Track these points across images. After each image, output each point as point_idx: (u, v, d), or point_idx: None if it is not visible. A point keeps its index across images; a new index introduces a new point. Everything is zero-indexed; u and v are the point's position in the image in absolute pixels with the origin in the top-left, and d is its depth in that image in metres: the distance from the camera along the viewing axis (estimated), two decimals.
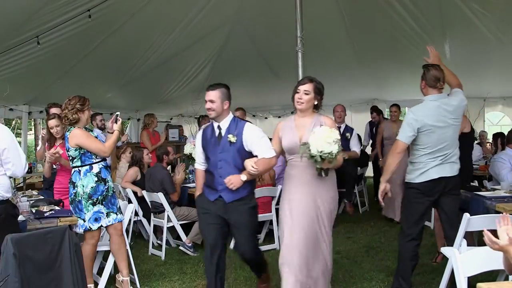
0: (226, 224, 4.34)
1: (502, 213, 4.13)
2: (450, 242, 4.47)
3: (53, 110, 6.09)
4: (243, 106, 10.35)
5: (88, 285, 4.58)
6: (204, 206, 4.39)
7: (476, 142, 9.24)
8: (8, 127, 4.04)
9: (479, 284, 2.30)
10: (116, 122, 4.95)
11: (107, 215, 4.80)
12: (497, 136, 9.14)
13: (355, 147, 7.58)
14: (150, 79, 10.34)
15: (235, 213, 4.27)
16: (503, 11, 7.49)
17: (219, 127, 4.37)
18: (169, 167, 7.39)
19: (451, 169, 4.49)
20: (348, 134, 7.62)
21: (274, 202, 6.59)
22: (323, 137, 3.84)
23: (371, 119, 10.27)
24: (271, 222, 6.74)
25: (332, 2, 8.35)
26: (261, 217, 6.67)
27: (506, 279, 3.30)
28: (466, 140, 5.65)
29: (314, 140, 3.86)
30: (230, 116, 4.41)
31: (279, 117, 13.98)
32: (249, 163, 4.09)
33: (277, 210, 6.71)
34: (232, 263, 5.87)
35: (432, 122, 4.41)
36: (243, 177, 4.16)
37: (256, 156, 4.25)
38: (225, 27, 9.35)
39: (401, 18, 8.23)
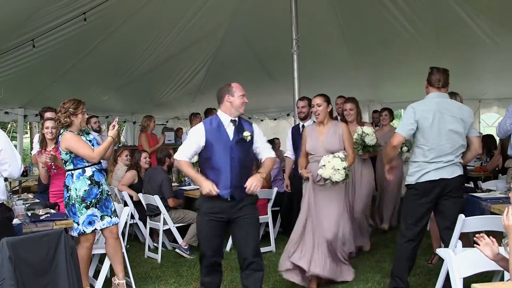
0: None
1: (498, 214, 4.17)
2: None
3: (48, 115, 6.09)
4: None
5: None
6: None
7: None
8: (4, 130, 4.05)
9: (473, 285, 2.30)
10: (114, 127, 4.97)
11: (101, 218, 4.79)
12: (487, 138, 9.09)
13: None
14: (146, 82, 10.34)
15: None
16: (497, 13, 7.52)
17: None
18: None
19: (452, 171, 4.50)
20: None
21: (270, 205, 6.60)
22: None
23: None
24: (267, 224, 6.73)
25: (328, 5, 8.38)
26: None
27: (502, 279, 3.31)
28: None
29: None
30: None
31: (275, 119, 13.98)
32: None
33: (273, 212, 6.76)
34: (228, 265, 5.87)
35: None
36: None
37: None
38: (221, 29, 9.36)
39: (396, 21, 8.27)
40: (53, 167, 5.40)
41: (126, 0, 7.25)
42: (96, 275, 5.25)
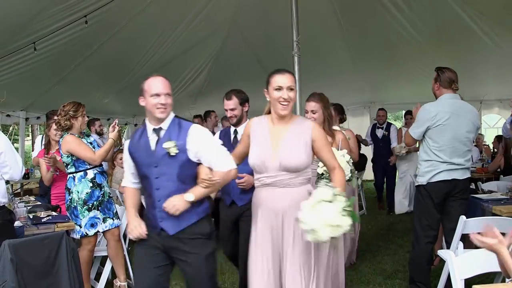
0: None
1: (499, 216, 4.16)
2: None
3: (55, 118, 6.10)
4: None
5: None
6: None
7: (475, 145, 9.25)
8: (5, 133, 4.03)
9: (474, 286, 2.30)
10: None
11: (104, 220, 4.81)
12: (498, 138, 9.11)
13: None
14: None
15: None
16: (498, 14, 7.50)
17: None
18: None
19: (463, 173, 4.50)
20: None
21: None
22: None
23: (375, 121, 10.00)
24: None
25: (328, 6, 8.36)
26: None
27: (503, 281, 3.30)
28: None
29: None
30: None
31: None
32: None
33: None
34: (230, 267, 5.86)
35: None
36: None
37: None
38: (222, 32, 9.35)
39: (397, 22, 8.25)
40: (55, 170, 5.40)
41: (127, 3, 7.24)
42: (97, 277, 5.26)
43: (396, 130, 9.37)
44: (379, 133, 9.50)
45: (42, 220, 4.41)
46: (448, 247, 4.44)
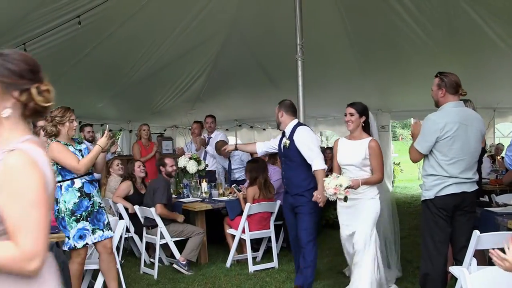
0: None
1: None
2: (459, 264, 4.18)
3: (40, 123, 5.88)
4: (240, 117, 10.01)
5: None
6: None
7: (490, 153, 9.03)
8: None
9: None
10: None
11: (93, 232, 4.60)
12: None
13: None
14: (143, 89, 10.14)
15: None
16: None
17: None
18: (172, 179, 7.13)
19: (471, 186, 4.29)
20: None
21: (273, 218, 6.34)
22: None
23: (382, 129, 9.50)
24: (269, 239, 6.45)
25: (333, 8, 8.16)
26: (259, 234, 6.41)
27: None
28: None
29: None
30: None
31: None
32: None
33: (275, 226, 6.47)
34: (229, 282, 5.58)
35: None
36: None
37: None
38: (221, 34, 9.17)
39: (405, 24, 8.07)
40: None
41: (123, 4, 7.05)
42: None
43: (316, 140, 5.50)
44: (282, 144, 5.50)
45: None
46: (457, 264, 4.24)
